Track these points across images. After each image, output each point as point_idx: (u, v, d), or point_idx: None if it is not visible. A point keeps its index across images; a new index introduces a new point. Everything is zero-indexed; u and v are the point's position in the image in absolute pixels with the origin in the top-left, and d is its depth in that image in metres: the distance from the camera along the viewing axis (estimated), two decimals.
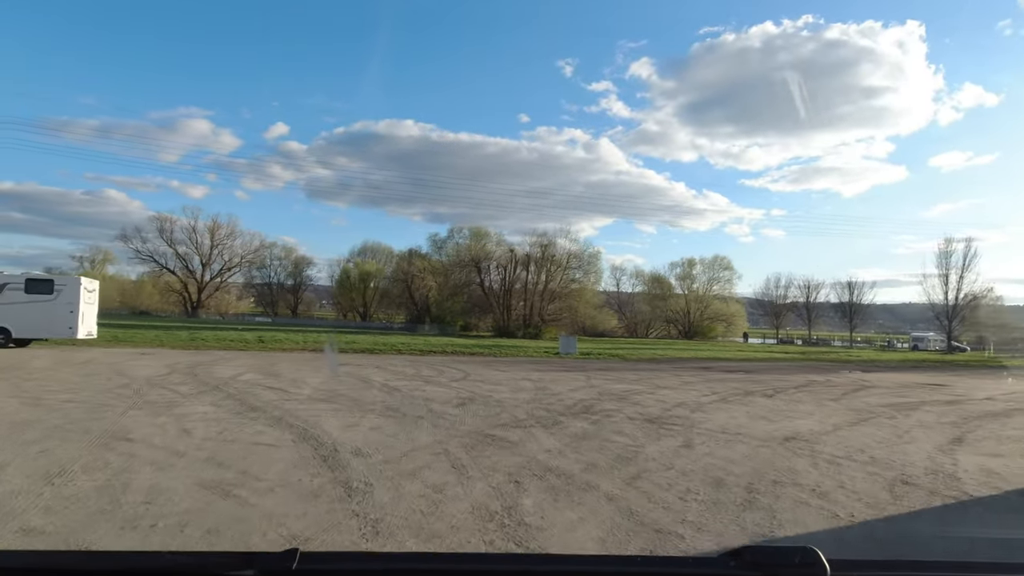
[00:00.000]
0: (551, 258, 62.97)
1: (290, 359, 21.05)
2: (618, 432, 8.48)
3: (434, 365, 20.47)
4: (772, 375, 21.73)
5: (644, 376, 18.92)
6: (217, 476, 5.37)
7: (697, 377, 19.38)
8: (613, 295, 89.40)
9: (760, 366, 27.70)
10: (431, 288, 74.06)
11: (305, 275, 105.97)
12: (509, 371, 19.09)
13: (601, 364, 25.14)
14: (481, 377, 16.47)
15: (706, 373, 21.47)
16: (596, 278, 70.35)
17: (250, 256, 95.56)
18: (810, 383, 18.42)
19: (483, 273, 66.58)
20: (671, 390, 14.73)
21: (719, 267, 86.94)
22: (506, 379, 16.11)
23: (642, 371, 21.61)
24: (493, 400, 11.52)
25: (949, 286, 58.65)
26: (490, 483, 5.52)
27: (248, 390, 11.65)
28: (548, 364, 23.61)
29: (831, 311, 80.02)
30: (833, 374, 23.35)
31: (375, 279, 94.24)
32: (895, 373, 25.50)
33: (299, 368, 17.34)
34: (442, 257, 77.29)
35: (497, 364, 22.27)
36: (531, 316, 61.25)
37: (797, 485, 5.79)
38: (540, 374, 18.20)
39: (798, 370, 25.41)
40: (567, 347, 32.46)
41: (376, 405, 10.33)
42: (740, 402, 12.68)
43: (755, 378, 19.84)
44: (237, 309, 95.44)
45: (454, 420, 9.03)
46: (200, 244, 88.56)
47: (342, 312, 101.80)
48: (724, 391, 14.88)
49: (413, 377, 15.79)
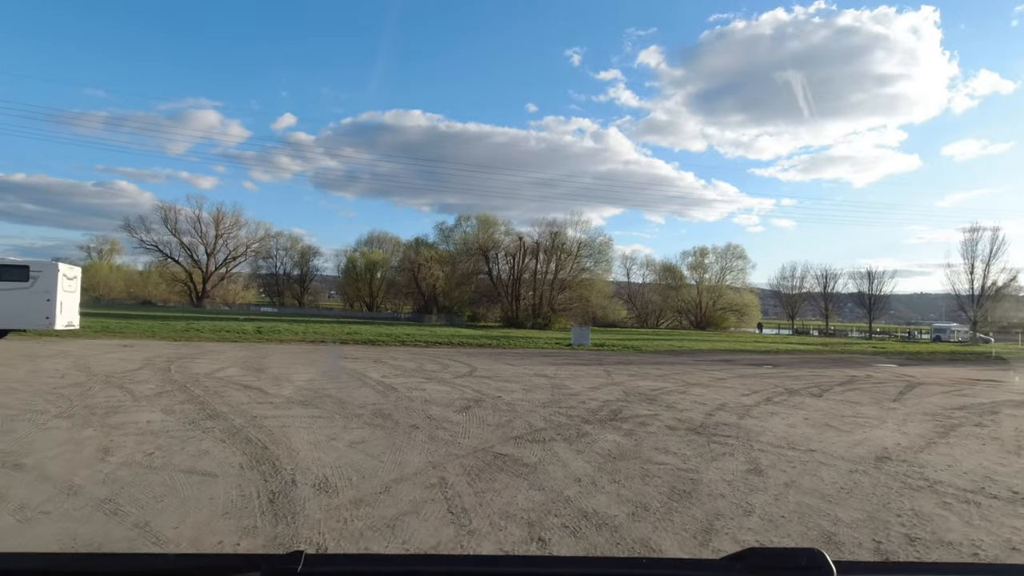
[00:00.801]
0: (561, 246, 61.01)
1: (284, 352, 19.48)
2: (661, 449, 6.77)
3: (438, 358, 18.83)
4: (805, 369, 19.92)
5: (668, 371, 17.18)
6: (99, 533, 3.71)
7: (726, 372, 17.61)
8: (623, 285, 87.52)
9: (787, 359, 25.87)
10: (438, 278, 72.37)
11: (311, 265, 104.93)
12: (519, 365, 17.41)
13: (618, 357, 23.41)
14: (489, 372, 14.80)
15: (733, 367, 19.69)
16: (607, 267, 68.41)
17: (255, 246, 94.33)
18: (852, 379, 16.60)
19: (491, 262, 64.79)
20: (704, 388, 12.98)
21: (732, 256, 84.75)
22: (517, 375, 14.43)
23: (664, 365, 19.87)
24: (503, 402, 9.83)
25: (975, 275, 56.22)
26: (503, 541, 3.84)
27: (219, 390, 10.02)
28: (561, 357, 21.92)
29: (849, 301, 77.65)
30: (869, 368, 21.49)
31: (381, 269, 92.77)
32: (934, 367, 23.59)
33: (290, 362, 15.74)
34: (449, 247, 75.58)
35: (506, 357, 20.60)
36: (541, 306, 59.44)
37: (947, 545, 4.04)
38: (555, 368, 16.51)
39: (830, 363, 23.56)
40: (580, 338, 30.77)
41: (365, 409, 8.67)
42: (789, 403, 10.92)
43: (789, 373, 18.05)
44: (243, 299, 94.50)
45: (456, 431, 7.34)
46: (205, 234, 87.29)
47: (349, 302, 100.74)
48: (763, 389, 13.13)
49: (414, 373, 14.14)
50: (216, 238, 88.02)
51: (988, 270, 55.27)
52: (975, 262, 55.69)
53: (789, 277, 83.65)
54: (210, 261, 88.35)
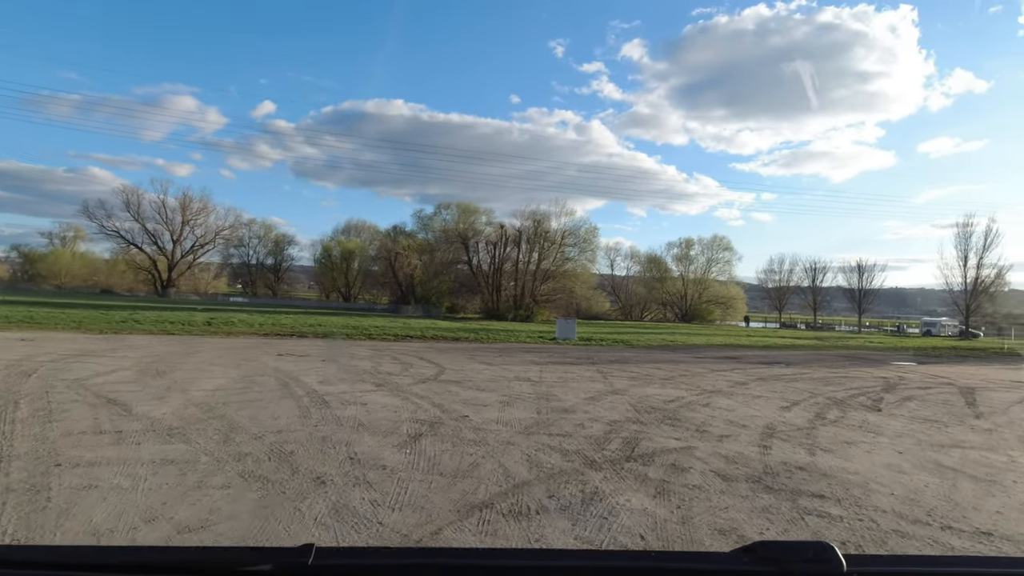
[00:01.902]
0: (544, 235, 57.91)
1: (219, 347, 16.40)
2: (726, 528, 3.98)
3: (403, 355, 15.92)
4: (823, 369, 17.38)
5: (672, 372, 14.47)
6: None
7: (739, 372, 14.97)
8: (607, 277, 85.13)
9: (791, 356, 23.40)
10: (416, 267, 69.01)
11: (286, 254, 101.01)
12: (497, 365, 14.57)
13: (610, 353, 20.70)
14: (459, 375, 11.94)
15: (742, 366, 17.09)
16: (592, 257, 65.43)
17: (226, 233, 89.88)
18: (891, 384, 14.07)
19: (471, 251, 61.65)
20: (728, 398, 10.26)
21: (718, 247, 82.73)
22: (493, 379, 11.59)
23: (664, 364, 17.19)
24: (470, 427, 6.98)
25: (968, 267, 54.71)
26: None
27: (65, 406, 7.01)
28: (546, 353, 19.15)
29: (837, 295, 76.12)
30: (891, 367, 19.05)
31: (358, 258, 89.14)
32: (959, 365, 21.26)
33: (213, 361, 12.73)
34: (428, 235, 72.17)
35: (483, 354, 17.76)
36: (522, 297, 56.49)
37: None
38: (539, 369, 13.72)
39: (845, 361, 21.12)
40: (565, 332, 28.05)
41: (258, 444, 5.76)
42: (852, 424, 8.23)
43: (810, 374, 15.47)
44: (214, 289, 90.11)
45: (383, 491, 4.47)
46: (171, 220, 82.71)
47: (325, 293, 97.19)
48: (801, 399, 10.45)
49: (364, 376, 11.22)
50: (183, 224, 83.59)
51: (981, 263, 53.73)
52: (968, 254, 54.11)
53: (776, 270, 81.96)
54: (176, 248, 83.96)
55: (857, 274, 67.73)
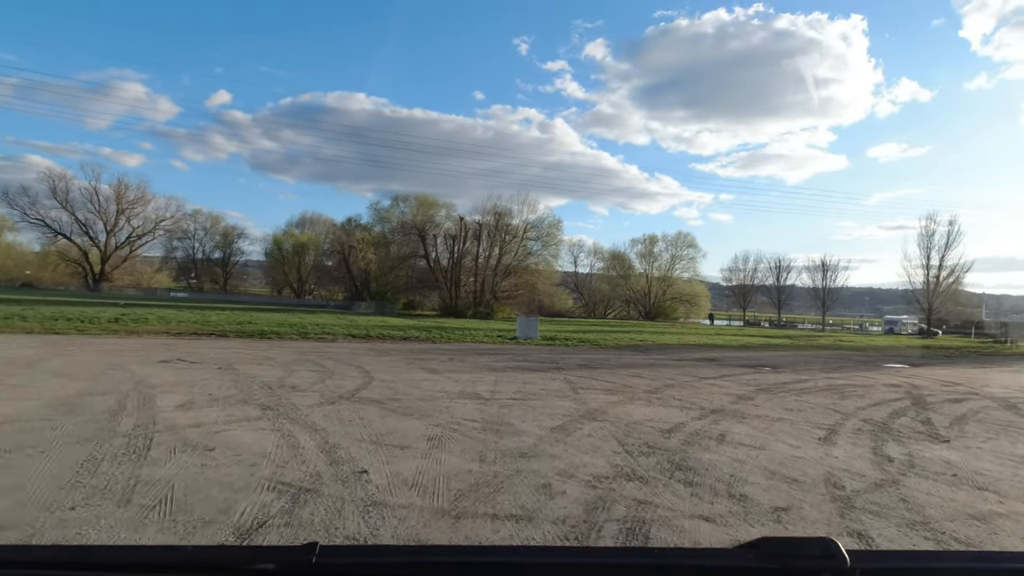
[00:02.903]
0: (506, 228, 55.04)
1: (99, 349, 13.12)
2: None
3: (331, 360, 12.96)
4: (817, 374, 15.18)
5: (655, 381, 11.94)
6: None
7: (732, 381, 12.54)
8: (570, 274, 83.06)
9: (774, 357, 21.34)
10: (370, 261, 65.31)
11: (236, 247, 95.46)
12: (443, 373, 11.76)
13: (577, 355, 18.12)
14: (387, 390, 9.08)
15: (729, 371, 14.73)
16: (555, 251, 62.78)
17: (167, 224, 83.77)
18: (915, 396, 11.88)
19: (429, 245, 58.38)
20: (741, 422, 7.72)
21: (682, 244, 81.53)
22: (430, 397, 8.77)
23: (639, 368, 14.69)
24: (358, 500, 4.11)
25: (930, 267, 54.52)
26: None
27: None
28: (504, 356, 16.45)
29: (801, 293, 75.87)
30: (888, 371, 17.06)
31: (311, 252, 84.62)
32: (951, 368, 19.50)
33: (66, 369, 9.52)
34: (385, 229, 68.39)
35: (430, 357, 14.92)
36: (482, 293, 53.54)
37: None
38: (494, 379, 10.97)
39: (833, 364, 19.09)
40: (526, 330, 25.42)
41: None
42: (938, 471, 5.69)
43: (808, 381, 13.18)
44: (157, 283, 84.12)
45: None
46: (104, 209, 76.39)
47: (276, 288, 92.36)
48: (832, 423, 7.98)
49: (254, 394, 8.24)
50: (117, 214, 77.25)
51: (943, 263, 53.59)
52: (931, 252, 53.91)
53: (741, 268, 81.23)
54: (110, 239, 77.68)
55: (821, 272, 67.30)
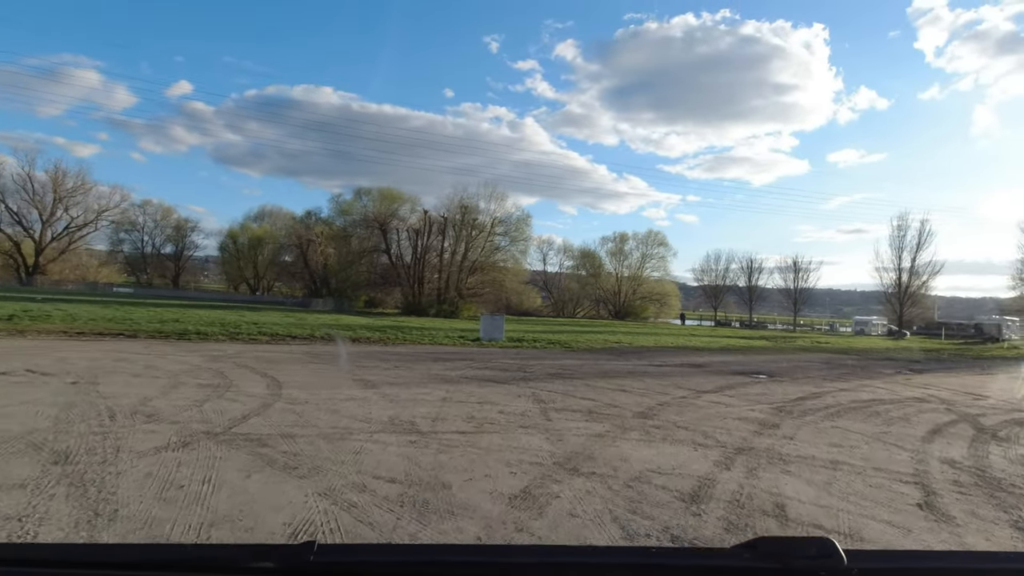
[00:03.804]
0: (472, 222, 52.22)
1: None
2: None
3: (239, 369, 10.17)
4: (825, 384, 13.06)
5: (646, 398, 9.53)
6: None
7: (733, 394, 10.22)
8: (539, 273, 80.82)
9: (763, 362, 19.31)
10: (329, 256, 61.70)
11: (189, 241, 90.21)
12: (382, 386, 9.11)
13: (547, 361, 15.67)
14: (282, 421, 6.39)
15: (725, 381, 12.46)
16: (524, 247, 60.04)
17: (111, 214, 78.23)
18: (965, 415, 9.76)
19: (391, 239, 55.17)
20: (789, 474, 5.30)
21: (653, 243, 80.00)
22: (344, 431, 6.10)
23: (622, 378, 12.31)
24: None
25: (901, 268, 54.04)
26: None
27: None
28: (463, 361, 13.89)
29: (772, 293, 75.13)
30: (901, 381, 15.09)
31: (269, 246, 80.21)
32: (960, 376, 17.75)
33: None
34: (346, 222, 64.65)
35: (374, 363, 12.25)
36: (447, 291, 50.65)
37: None
38: (441, 398, 8.38)
39: (832, 372, 17.08)
40: (491, 331, 22.89)
41: None
42: None
43: (827, 395, 10.97)
44: (102, 278, 78.55)
45: None
46: (39, 197, 70.68)
47: (232, 285, 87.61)
48: (909, 470, 5.68)
49: (74, 430, 5.48)
50: (54, 202, 71.72)
51: (915, 262, 53.12)
52: (903, 253, 53.40)
53: (713, 267, 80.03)
54: (46, 230, 72.07)
55: (793, 272, 66.49)
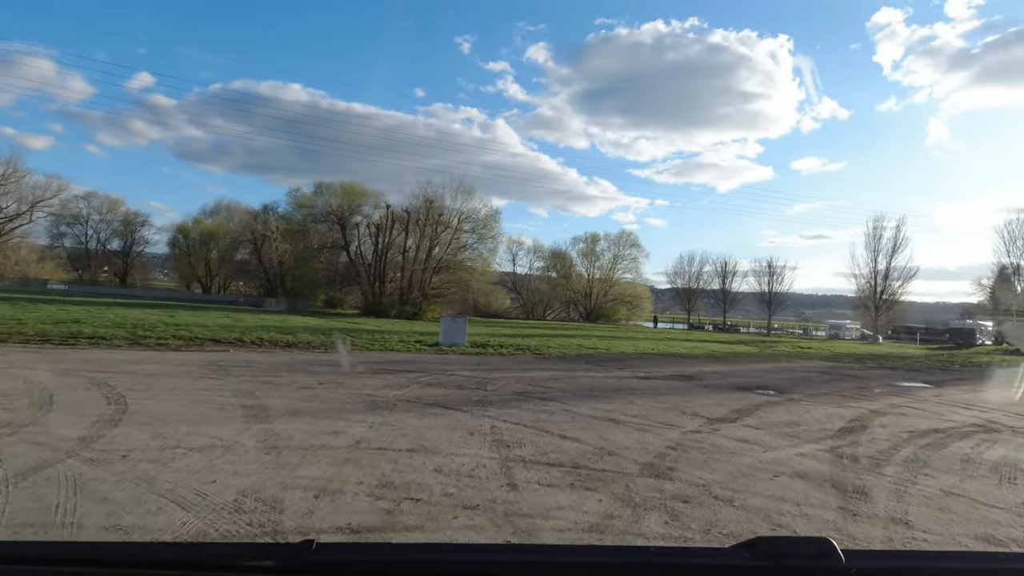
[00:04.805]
0: (438, 218, 49.11)
1: None
2: None
3: (96, 387, 7.12)
4: (851, 403, 10.68)
5: (648, 435, 6.84)
6: None
7: (760, 425, 7.62)
8: (508, 274, 78.19)
9: (759, 373, 16.99)
10: (285, 252, 57.74)
11: (138, 236, 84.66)
12: (277, 419, 6.17)
13: (513, 371, 12.91)
14: (32, 508, 3.55)
15: (738, 403, 9.94)
16: (493, 245, 56.98)
17: (46, 205, 72.38)
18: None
19: (350, 235, 51.66)
20: None
21: (625, 244, 78.20)
22: (126, 528, 3.32)
23: (608, 397, 9.62)
24: None
25: (877, 271, 53.05)
26: None
27: None
28: (410, 374, 11.03)
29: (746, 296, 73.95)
30: (929, 398, 12.82)
31: (222, 242, 75.46)
32: (992, 389, 15.63)
33: None
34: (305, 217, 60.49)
35: (295, 380, 9.27)
36: (410, 291, 47.42)
37: None
38: (358, 436, 5.50)
39: (842, 383, 14.77)
40: (452, 335, 20.07)
41: None
42: None
43: (878, 428, 8.54)
44: (44, 273, 72.74)
45: None
46: None
47: (185, 283, 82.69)
48: None
49: None
50: None
51: (891, 265, 52.22)
52: (878, 256, 52.44)
53: (686, 270, 78.27)
54: None
55: (768, 274, 65.19)
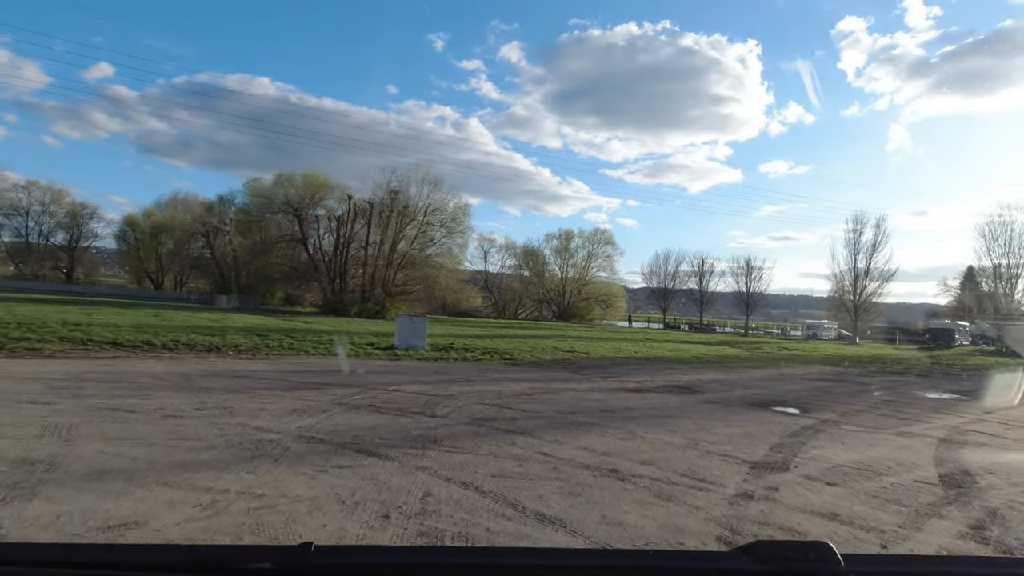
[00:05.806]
0: (403, 209, 45.93)
1: None
2: None
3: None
4: (903, 427, 8.33)
5: (695, 524, 4.32)
6: None
7: (849, 490, 5.19)
8: (480, 272, 75.25)
9: (760, 381, 14.64)
10: (239, 246, 53.83)
11: (86, 229, 79.18)
12: (40, 494, 3.52)
13: (476, 387, 10.21)
14: None
15: (766, 432, 7.46)
16: (463, 240, 53.67)
17: None
18: None
19: (308, 226, 48.16)
20: None
21: (600, 241, 76.02)
22: None
23: (595, 422, 7.00)
24: None
25: (857, 270, 51.82)
26: None
27: None
28: (339, 391, 8.22)
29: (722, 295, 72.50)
30: (980, 417, 10.59)
31: (175, 235, 70.68)
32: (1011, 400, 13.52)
33: None
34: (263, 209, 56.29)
35: (169, 402, 6.38)
36: (372, 287, 44.23)
37: None
38: (187, 530, 2.99)
39: (867, 396, 12.50)
40: (408, 337, 17.31)
41: None
42: None
43: (983, 493, 6.16)
44: None
45: None
46: None
47: (136, 279, 77.74)
48: None
49: None
50: None
51: (871, 265, 51.02)
52: (858, 256, 51.18)
53: (662, 268, 76.21)
54: None
55: (746, 273, 63.60)
